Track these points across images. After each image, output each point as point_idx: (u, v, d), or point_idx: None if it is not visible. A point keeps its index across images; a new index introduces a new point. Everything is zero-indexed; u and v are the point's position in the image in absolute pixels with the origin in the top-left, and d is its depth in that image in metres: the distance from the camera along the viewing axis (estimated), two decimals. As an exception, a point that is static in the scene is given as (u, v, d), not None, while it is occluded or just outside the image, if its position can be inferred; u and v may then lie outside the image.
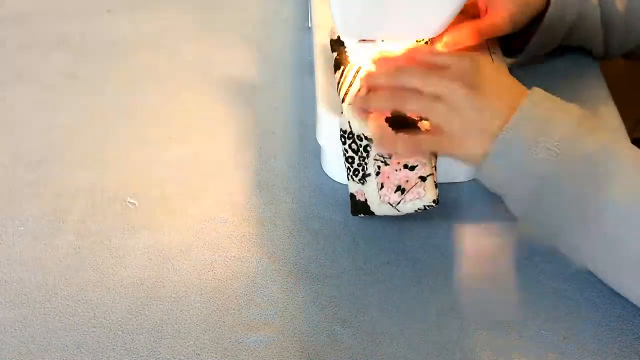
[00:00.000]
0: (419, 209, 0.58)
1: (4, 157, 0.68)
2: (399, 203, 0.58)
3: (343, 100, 0.60)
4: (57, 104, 0.74)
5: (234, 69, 0.79)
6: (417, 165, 0.58)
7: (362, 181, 0.59)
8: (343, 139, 0.59)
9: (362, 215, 0.60)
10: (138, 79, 0.78)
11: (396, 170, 0.58)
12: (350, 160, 0.59)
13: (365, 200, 0.59)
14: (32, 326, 0.55)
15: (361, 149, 0.58)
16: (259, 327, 0.56)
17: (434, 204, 0.58)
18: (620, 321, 0.56)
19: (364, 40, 0.65)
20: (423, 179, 0.58)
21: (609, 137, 0.53)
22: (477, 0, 0.66)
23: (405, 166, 0.58)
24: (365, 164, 0.58)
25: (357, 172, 0.59)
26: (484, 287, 0.59)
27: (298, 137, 0.71)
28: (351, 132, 0.58)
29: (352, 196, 0.60)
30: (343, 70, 0.62)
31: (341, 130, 0.59)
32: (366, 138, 0.58)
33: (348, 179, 0.60)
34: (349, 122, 0.58)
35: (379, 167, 0.58)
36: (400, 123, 0.57)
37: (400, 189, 0.58)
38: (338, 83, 0.62)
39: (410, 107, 0.56)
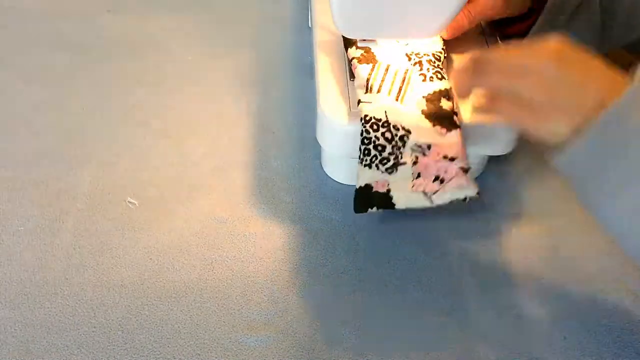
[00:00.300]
0: (457, 199, 0.57)
1: (4, 157, 0.68)
2: (435, 192, 0.58)
3: (379, 91, 0.61)
4: (57, 104, 0.74)
5: (233, 69, 0.79)
6: (456, 157, 0.58)
7: (390, 170, 0.58)
8: (375, 127, 0.58)
9: (372, 210, 0.58)
10: (138, 79, 0.78)
11: (435, 161, 0.58)
12: (380, 148, 0.58)
13: (388, 191, 0.58)
14: (32, 326, 0.55)
15: (397, 138, 0.58)
16: (259, 327, 0.56)
17: (478, 196, 0.57)
18: (620, 322, 0.57)
19: (364, 40, 0.65)
20: (465, 170, 0.58)
21: None
22: None
23: (445, 157, 0.58)
24: (400, 153, 0.58)
25: (386, 161, 0.58)
26: (484, 287, 0.59)
27: (298, 137, 0.71)
28: (387, 121, 0.59)
29: (366, 188, 0.58)
30: (372, 67, 0.63)
31: (374, 118, 0.59)
32: (403, 128, 0.58)
33: (369, 168, 0.58)
34: (385, 111, 0.59)
35: (417, 157, 0.58)
36: (435, 114, 0.59)
37: (438, 179, 0.58)
38: (367, 80, 0.62)
39: (495, 79, 0.53)
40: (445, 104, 0.60)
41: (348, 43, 0.66)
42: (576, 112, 0.51)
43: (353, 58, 0.64)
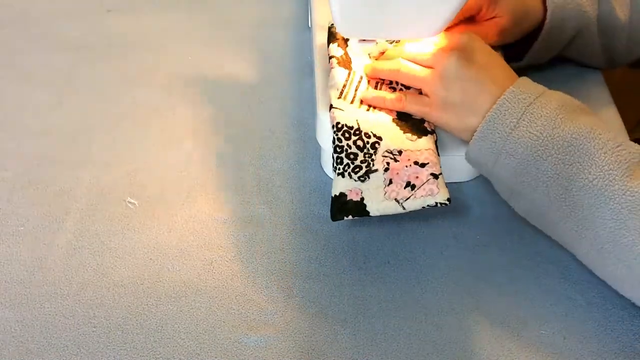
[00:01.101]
0: (429, 205, 0.58)
1: (4, 157, 0.68)
2: (407, 199, 0.58)
3: (352, 102, 0.61)
4: (57, 104, 0.74)
5: (233, 69, 0.79)
6: (427, 163, 0.58)
7: (362, 178, 0.58)
8: (347, 135, 0.59)
9: (347, 217, 0.58)
10: (138, 79, 0.78)
11: (406, 167, 0.58)
12: (352, 156, 0.59)
13: (362, 199, 0.59)
14: (32, 326, 0.55)
15: (368, 145, 0.59)
16: (259, 327, 0.56)
17: (447, 202, 0.58)
18: (621, 321, 0.57)
19: (363, 40, 0.65)
20: (435, 176, 0.58)
21: (589, 122, 0.54)
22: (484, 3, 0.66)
23: (416, 163, 0.58)
24: (372, 160, 0.58)
25: (358, 169, 0.58)
26: (484, 287, 0.59)
27: (298, 137, 0.71)
28: (358, 129, 0.59)
29: (341, 196, 0.58)
30: (349, 74, 0.63)
31: (345, 126, 0.59)
32: (375, 135, 0.59)
33: (342, 177, 0.59)
34: (357, 120, 0.59)
35: (388, 163, 0.58)
36: (405, 121, 0.61)
37: (410, 185, 0.58)
38: (344, 86, 0.62)
39: (403, 77, 0.61)
40: None
41: (331, 38, 0.66)
42: (467, 114, 0.57)
43: (333, 57, 0.64)
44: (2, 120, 0.72)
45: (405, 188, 0.58)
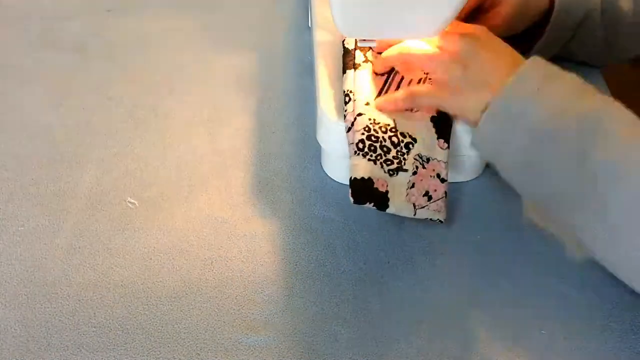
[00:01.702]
0: (431, 219, 0.59)
1: (4, 157, 0.68)
2: (422, 207, 0.59)
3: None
4: (57, 104, 0.74)
5: (233, 69, 0.79)
6: (446, 180, 0.60)
7: (392, 172, 0.59)
8: (384, 129, 0.60)
9: (369, 205, 0.58)
10: (138, 79, 0.78)
11: (430, 176, 0.59)
12: (385, 149, 0.59)
13: (387, 192, 0.58)
14: (32, 326, 0.55)
15: (402, 144, 0.59)
16: (259, 327, 0.56)
17: (442, 221, 0.60)
18: (621, 322, 0.57)
19: (364, 40, 0.65)
20: (446, 194, 0.59)
21: (604, 99, 0.54)
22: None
23: (438, 175, 0.60)
24: (404, 159, 0.59)
25: (390, 162, 0.59)
26: (484, 288, 0.59)
27: (298, 137, 0.71)
28: (395, 127, 0.60)
29: (369, 181, 0.58)
30: (392, 74, 0.64)
31: (382, 122, 0.60)
32: (410, 136, 0.60)
33: (374, 163, 0.58)
34: (395, 119, 0.60)
35: (417, 167, 0.59)
36: (442, 122, 0.61)
37: (427, 195, 0.59)
38: (384, 84, 0.63)
39: (414, 60, 0.60)
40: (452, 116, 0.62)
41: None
42: (485, 90, 0.56)
43: (371, 62, 0.64)
44: (2, 120, 0.72)
45: (423, 196, 0.59)
